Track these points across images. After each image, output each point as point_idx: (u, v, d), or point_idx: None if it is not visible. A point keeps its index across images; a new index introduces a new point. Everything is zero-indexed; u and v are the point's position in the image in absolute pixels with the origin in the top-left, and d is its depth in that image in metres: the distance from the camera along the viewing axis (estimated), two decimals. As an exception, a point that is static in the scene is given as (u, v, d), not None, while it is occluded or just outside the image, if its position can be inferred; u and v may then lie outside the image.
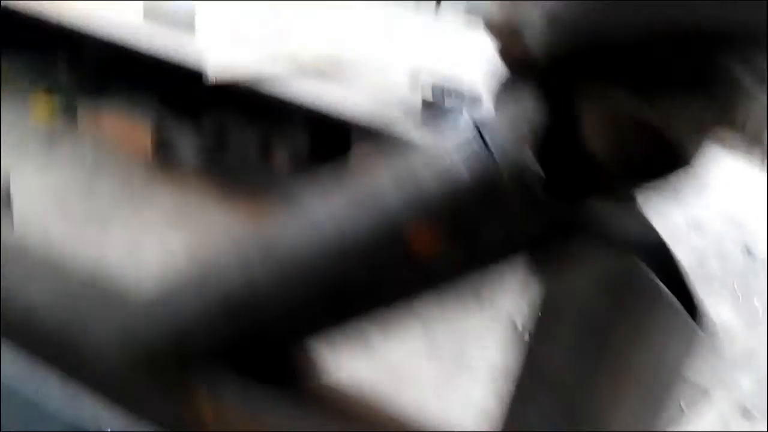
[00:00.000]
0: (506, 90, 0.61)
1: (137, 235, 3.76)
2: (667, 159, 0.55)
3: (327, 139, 4.51)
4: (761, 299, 4.49)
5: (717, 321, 2.80)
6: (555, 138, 0.55)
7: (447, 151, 0.66)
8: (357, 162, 3.74)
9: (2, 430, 0.77)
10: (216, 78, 3.62)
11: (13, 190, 2.01)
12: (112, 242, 3.65)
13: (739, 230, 5.47)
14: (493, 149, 0.60)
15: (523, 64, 0.55)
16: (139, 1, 4.28)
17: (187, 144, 4.52)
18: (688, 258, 3.83)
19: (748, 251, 5.11)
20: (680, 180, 0.57)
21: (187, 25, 4.18)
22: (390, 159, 0.76)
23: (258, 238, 0.73)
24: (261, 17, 4.90)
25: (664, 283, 0.56)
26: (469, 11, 5.08)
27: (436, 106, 3.69)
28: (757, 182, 6.46)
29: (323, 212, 0.68)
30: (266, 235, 0.72)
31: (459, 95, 3.77)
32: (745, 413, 3.39)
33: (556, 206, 0.56)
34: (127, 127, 4.53)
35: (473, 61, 4.28)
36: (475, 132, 0.64)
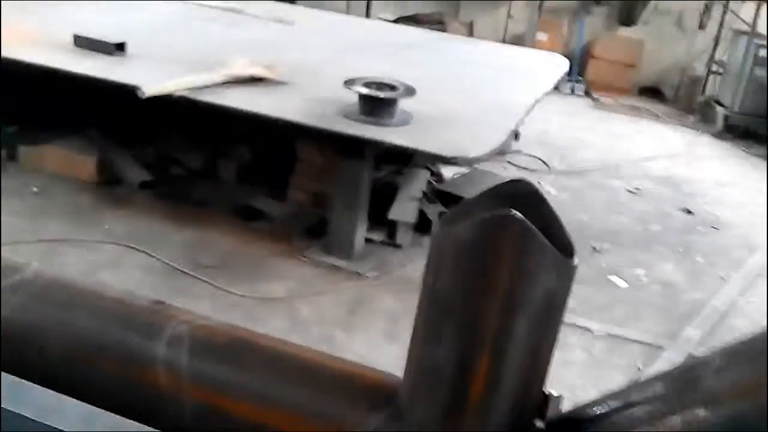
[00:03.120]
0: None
1: (92, 258, 3.77)
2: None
3: (270, 146, 4.60)
4: (702, 255, 4.69)
5: (661, 277, 2.97)
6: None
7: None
8: (302, 165, 3.83)
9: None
10: (149, 92, 3.65)
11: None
12: (68, 264, 3.66)
13: (677, 193, 5.69)
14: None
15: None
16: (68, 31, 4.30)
17: (131, 166, 4.54)
18: (632, 221, 4.01)
19: (687, 211, 5.33)
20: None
21: (118, 49, 4.22)
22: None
23: None
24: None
25: (538, 226, 0.63)
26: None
27: (372, 99, 3.79)
28: (689, 148, 6.74)
29: None
30: None
31: (391, 87, 3.88)
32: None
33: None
34: (70, 156, 4.54)
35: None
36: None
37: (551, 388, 2.74)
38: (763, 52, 6.96)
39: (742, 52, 7.11)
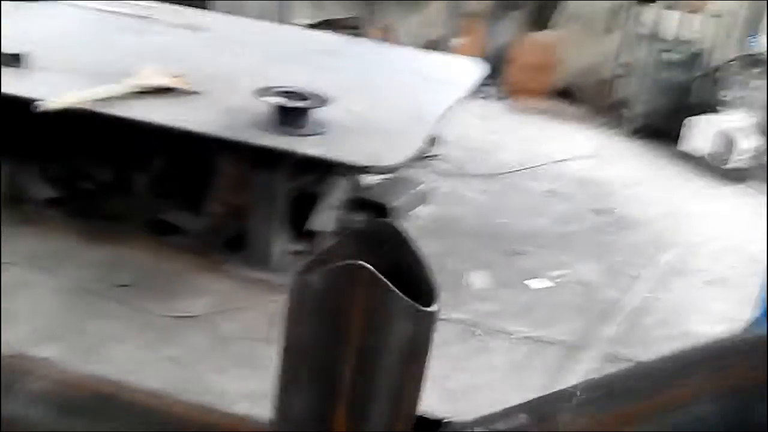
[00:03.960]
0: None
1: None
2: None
3: (183, 158, 4.47)
4: (616, 253, 4.84)
5: (578, 277, 3.03)
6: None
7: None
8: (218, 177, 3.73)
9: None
10: (47, 106, 3.49)
11: None
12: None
13: (591, 194, 5.86)
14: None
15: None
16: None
17: (36, 182, 4.33)
18: (549, 223, 4.09)
19: (601, 211, 5.48)
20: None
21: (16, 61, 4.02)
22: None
23: None
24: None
25: (402, 268, 0.62)
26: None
27: (286, 109, 3.73)
28: (601, 149, 6.95)
29: None
30: None
31: (304, 96, 3.84)
32: (615, 360, 3.65)
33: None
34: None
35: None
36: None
37: (474, 394, 2.74)
38: (665, 55, 7.26)
39: (645, 55, 7.39)
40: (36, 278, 3.66)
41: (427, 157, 5.90)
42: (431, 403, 0.76)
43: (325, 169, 4.53)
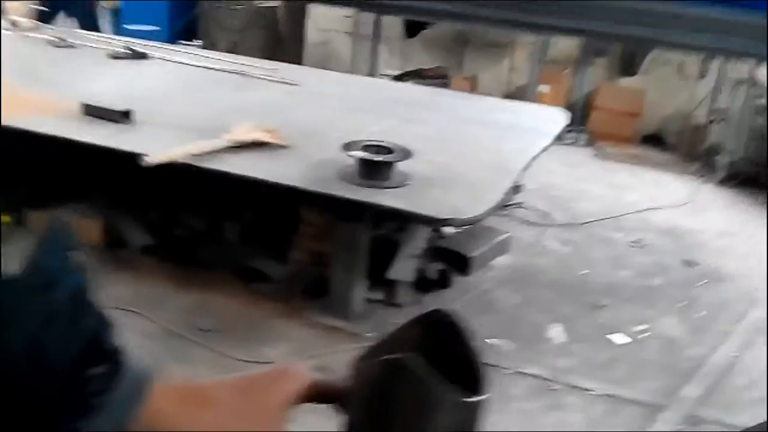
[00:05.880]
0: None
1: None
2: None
3: (272, 208, 4.68)
4: (704, 309, 4.68)
5: (662, 333, 3.02)
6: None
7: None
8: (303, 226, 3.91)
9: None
10: (153, 161, 3.76)
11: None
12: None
13: (680, 245, 5.70)
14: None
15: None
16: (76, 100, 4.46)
17: (134, 229, 4.62)
18: (633, 275, 4.03)
19: (690, 264, 5.32)
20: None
21: (125, 117, 4.36)
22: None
23: None
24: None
25: (453, 357, 0.70)
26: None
27: (370, 162, 3.87)
28: (692, 197, 6.75)
29: None
30: None
31: (388, 150, 3.97)
32: (697, 422, 3.53)
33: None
34: (75, 221, 4.63)
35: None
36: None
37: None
38: (762, 101, 7.03)
39: (741, 101, 7.19)
40: (126, 321, 3.89)
41: (509, 205, 5.92)
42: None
43: (406, 218, 4.65)
